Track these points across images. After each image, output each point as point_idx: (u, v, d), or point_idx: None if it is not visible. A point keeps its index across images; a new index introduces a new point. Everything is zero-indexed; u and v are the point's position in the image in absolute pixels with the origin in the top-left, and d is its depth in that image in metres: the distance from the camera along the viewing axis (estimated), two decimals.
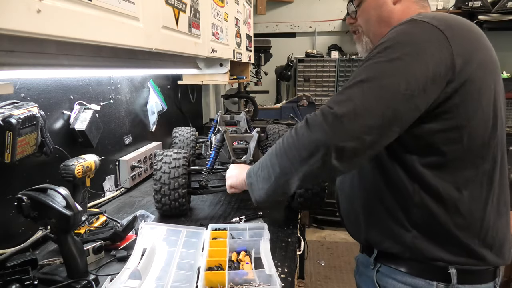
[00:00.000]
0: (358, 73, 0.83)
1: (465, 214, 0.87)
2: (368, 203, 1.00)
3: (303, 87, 4.48)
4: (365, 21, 1.04)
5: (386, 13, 1.00)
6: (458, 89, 0.81)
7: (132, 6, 0.88)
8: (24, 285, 0.91)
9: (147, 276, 0.97)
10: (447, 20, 0.86)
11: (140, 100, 1.99)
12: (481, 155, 0.87)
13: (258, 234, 1.15)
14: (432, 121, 0.84)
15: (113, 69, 1.22)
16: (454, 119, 0.83)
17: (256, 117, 3.26)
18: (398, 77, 0.78)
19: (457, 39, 0.82)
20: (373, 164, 0.96)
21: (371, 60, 0.83)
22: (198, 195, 1.57)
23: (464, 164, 0.86)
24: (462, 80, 0.81)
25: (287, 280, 1.01)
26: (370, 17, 1.03)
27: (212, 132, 2.09)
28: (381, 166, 0.93)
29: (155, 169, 1.36)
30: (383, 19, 1.00)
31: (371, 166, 0.96)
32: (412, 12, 0.97)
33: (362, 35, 1.07)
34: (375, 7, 1.01)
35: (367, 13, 1.03)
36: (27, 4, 0.56)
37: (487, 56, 0.89)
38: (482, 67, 0.85)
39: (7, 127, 0.99)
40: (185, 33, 1.24)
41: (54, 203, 0.88)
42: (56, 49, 0.79)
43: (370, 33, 1.04)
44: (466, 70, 0.81)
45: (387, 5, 1.00)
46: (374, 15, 1.02)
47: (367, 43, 1.06)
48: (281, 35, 4.51)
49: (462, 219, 0.87)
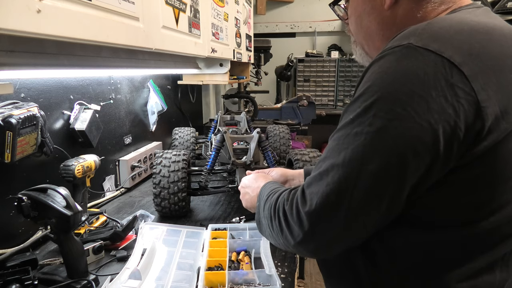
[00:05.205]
0: (333, 147, 0.61)
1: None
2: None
3: (303, 87, 4.49)
4: (354, 32, 0.81)
5: (377, 24, 0.74)
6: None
7: (132, 6, 0.88)
8: (24, 285, 0.91)
9: (147, 276, 0.97)
10: (471, 39, 0.56)
11: (140, 100, 1.99)
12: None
13: (258, 234, 1.14)
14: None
15: (113, 69, 1.22)
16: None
17: (256, 117, 3.26)
18: (381, 159, 0.55)
19: (486, 77, 0.54)
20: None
21: (347, 127, 0.59)
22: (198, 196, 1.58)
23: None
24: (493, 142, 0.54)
25: (287, 280, 1.01)
26: (358, 27, 0.79)
27: (212, 132, 2.09)
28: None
29: (154, 172, 1.35)
30: (375, 31, 0.75)
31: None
32: (415, 18, 0.68)
33: (355, 44, 0.84)
34: (361, 15, 0.76)
35: (353, 21, 0.80)
36: (27, 4, 0.56)
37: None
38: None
39: (7, 127, 0.99)
40: (185, 33, 1.24)
41: (54, 203, 0.88)
42: (56, 49, 0.80)
43: (364, 45, 0.81)
44: (501, 127, 0.54)
45: (378, 12, 0.73)
46: (364, 26, 0.77)
47: (362, 55, 0.83)
48: (281, 35, 4.52)
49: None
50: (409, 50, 0.55)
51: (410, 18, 0.69)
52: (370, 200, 0.57)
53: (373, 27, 0.75)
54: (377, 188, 0.56)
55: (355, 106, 0.59)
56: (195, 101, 2.90)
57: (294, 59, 4.34)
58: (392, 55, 0.57)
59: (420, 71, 0.54)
